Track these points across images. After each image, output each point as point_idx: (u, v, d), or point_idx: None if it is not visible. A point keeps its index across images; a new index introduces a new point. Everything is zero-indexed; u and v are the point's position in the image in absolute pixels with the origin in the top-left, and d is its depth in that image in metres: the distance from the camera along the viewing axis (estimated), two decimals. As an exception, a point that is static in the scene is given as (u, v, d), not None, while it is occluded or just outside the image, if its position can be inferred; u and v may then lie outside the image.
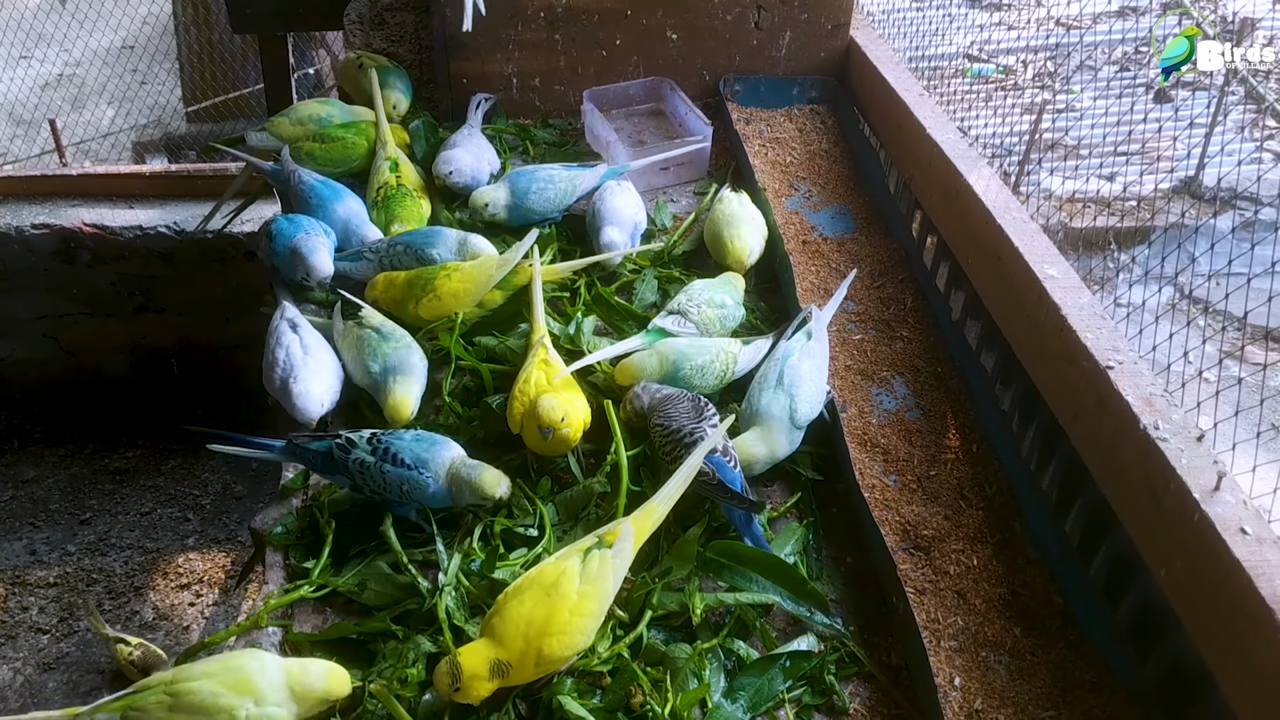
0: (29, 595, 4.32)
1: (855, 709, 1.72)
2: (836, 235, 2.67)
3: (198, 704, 1.56)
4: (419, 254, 2.40)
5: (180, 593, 4.35)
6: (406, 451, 1.88)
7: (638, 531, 1.73)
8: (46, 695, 3.98)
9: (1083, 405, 1.84)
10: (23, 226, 4.61)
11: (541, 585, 1.64)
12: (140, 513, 4.68)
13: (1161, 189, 6.43)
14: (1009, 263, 2.09)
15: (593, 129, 2.92)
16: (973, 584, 1.90)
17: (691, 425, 1.93)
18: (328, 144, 2.73)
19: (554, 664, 1.65)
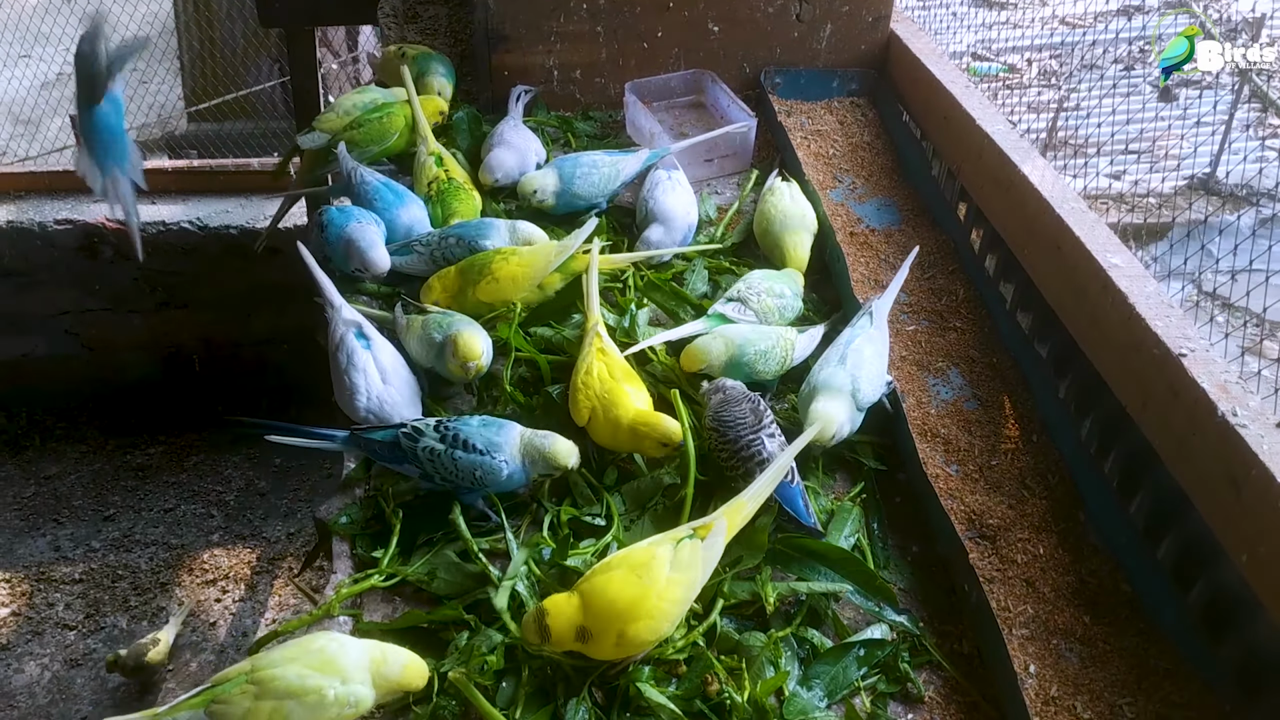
0: (54, 591, 4.32)
1: (930, 697, 1.72)
2: (883, 227, 2.67)
3: (284, 688, 1.56)
4: (471, 245, 2.39)
5: (206, 589, 4.35)
6: (476, 437, 1.87)
7: (729, 526, 1.72)
8: (75, 691, 3.98)
9: (1153, 393, 1.84)
10: (45, 222, 4.61)
11: (631, 566, 1.64)
12: (164, 509, 4.68)
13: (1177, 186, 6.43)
14: (1070, 252, 2.09)
15: (635, 121, 2.92)
16: (1040, 572, 1.90)
17: (750, 436, 1.92)
18: (363, 128, 2.73)
19: (635, 648, 1.65)
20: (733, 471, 1.92)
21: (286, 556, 4.46)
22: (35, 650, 4.09)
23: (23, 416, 5.05)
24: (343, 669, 1.59)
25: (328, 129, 2.80)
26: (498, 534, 1.92)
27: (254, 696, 1.57)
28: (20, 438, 4.98)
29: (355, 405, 2.11)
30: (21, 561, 4.42)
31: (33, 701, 3.94)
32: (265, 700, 1.56)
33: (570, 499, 2.00)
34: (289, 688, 1.56)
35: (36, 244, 4.61)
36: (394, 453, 1.94)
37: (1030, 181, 2.28)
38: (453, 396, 2.27)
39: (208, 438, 5.02)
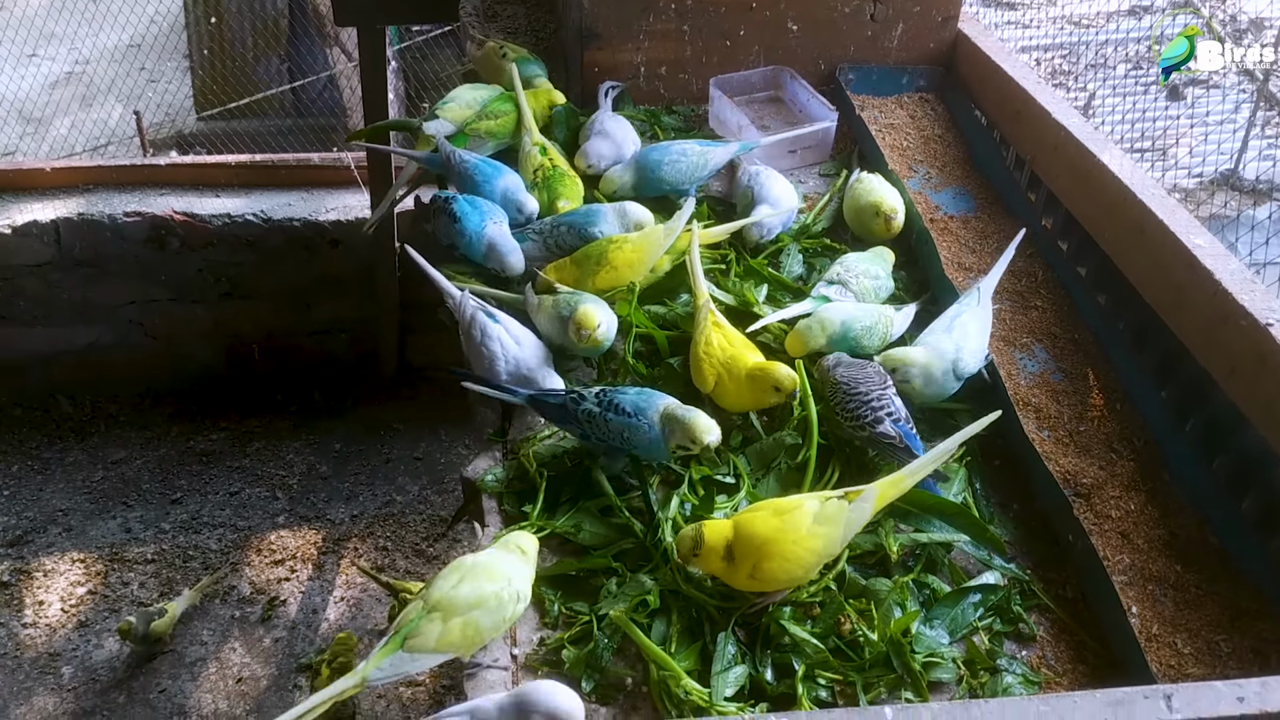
0: (129, 571, 4.46)
1: (1042, 636, 1.89)
2: (960, 214, 2.84)
3: (465, 603, 1.72)
4: (582, 232, 2.55)
5: (275, 568, 4.50)
6: (628, 401, 2.03)
7: (881, 496, 1.86)
8: (154, 665, 4.13)
9: (1240, 362, 2.01)
10: (115, 215, 4.76)
11: (776, 509, 1.81)
12: (229, 492, 4.83)
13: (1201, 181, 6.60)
14: (1153, 234, 2.26)
15: (719, 114, 3.08)
16: (1133, 525, 2.07)
17: (879, 391, 2.09)
18: (502, 119, 2.90)
19: (767, 583, 1.81)
20: (858, 421, 2.06)
21: (351, 538, 4.61)
22: (112, 626, 4.23)
23: (88, 404, 5.19)
24: (503, 573, 1.77)
25: (453, 118, 2.96)
26: (634, 493, 2.09)
27: (441, 620, 1.73)
28: (86, 424, 5.13)
29: (496, 370, 2.28)
30: (94, 543, 4.57)
31: (113, 676, 4.09)
32: (453, 619, 1.72)
33: (697, 462, 2.16)
34: (469, 601, 1.73)
35: (106, 235, 4.75)
36: (561, 414, 2.11)
37: (1110, 169, 2.45)
38: (576, 369, 2.43)
39: (268, 424, 5.17)
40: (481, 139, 2.90)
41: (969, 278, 2.63)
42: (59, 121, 7.64)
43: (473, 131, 2.90)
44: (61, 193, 4.85)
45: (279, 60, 7.69)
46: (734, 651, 1.81)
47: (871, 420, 2.07)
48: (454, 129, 2.93)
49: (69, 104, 7.78)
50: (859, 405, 2.08)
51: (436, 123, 2.99)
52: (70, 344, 5.05)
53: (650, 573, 1.94)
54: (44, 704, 4.01)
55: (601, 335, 2.27)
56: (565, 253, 2.57)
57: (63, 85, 8.26)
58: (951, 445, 1.94)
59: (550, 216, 2.66)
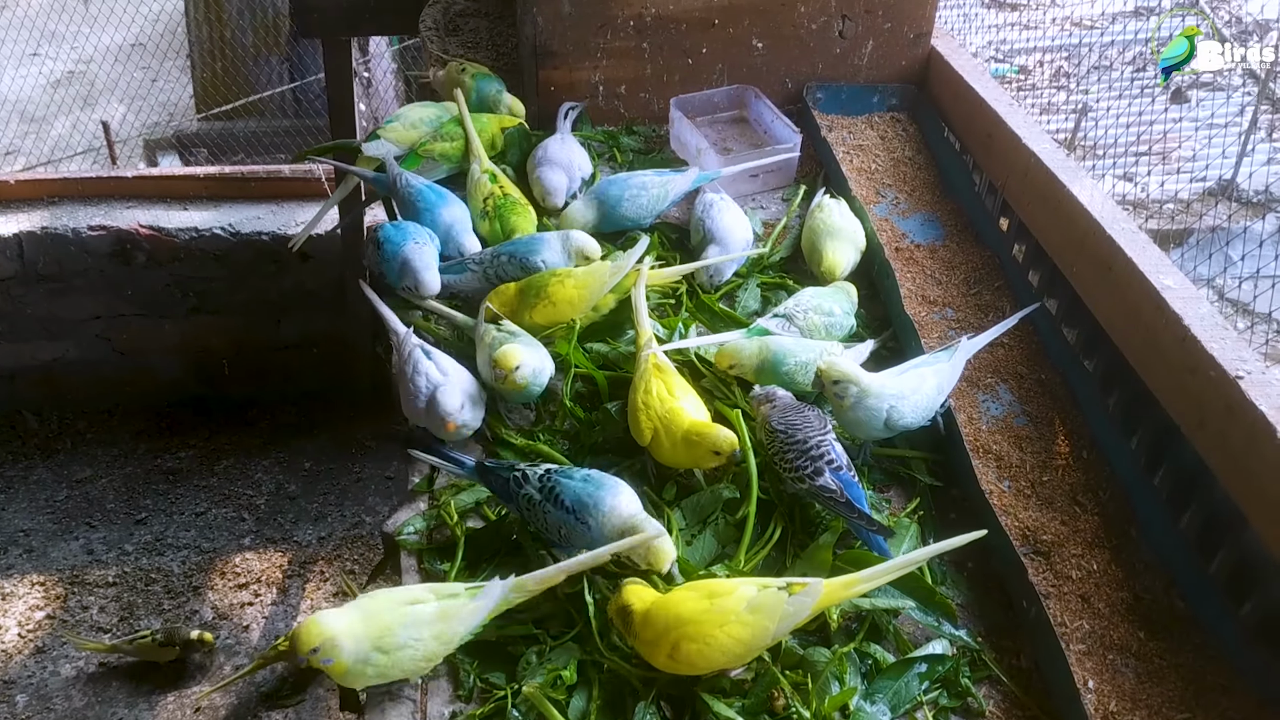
0: (89, 595, 4.36)
1: (991, 711, 1.76)
2: (928, 242, 2.70)
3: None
4: (523, 262, 2.43)
5: (239, 592, 4.39)
6: (570, 493, 1.86)
7: (827, 595, 1.71)
8: (110, 694, 4.03)
9: (1208, 414, 1.87)
10: (79, 228, 4.65)
11: (706, 591, 1.68)
12: (195, 513, 4.72)
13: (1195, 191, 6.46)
14: (1122, 273, 2.13)
15: (680, 136, 2.95)
16: (1095, 588, 1.93)
17: (818, 437, 1.96)
18: (458, 141, 2.77)
19: (686, 666, 1.68)
20: (798, 473, 1.93)
21: (318, 560, 4.50)
22: (71, 653, 4.13)
23: (54, 420, 5.10)
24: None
25: (395, 139, 2.84)
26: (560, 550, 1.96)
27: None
28: (52, 440, 5.02)
29: (414, 407, 2.16)
30: (55, 565, 4.47)
31: (69, 704, 3.98)
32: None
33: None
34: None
35: (70, 249, 4.65)
36: (505, 492, 1.96)
37: (1079, 201, 2.31)
38: (513, 410, 2.30)
39: (238, 441, 5.06)
40: (435, 162, 2.78)
41: (933, 312, 2.50)
42: (60, 121, 7.55)
43: (425, 153, 2.78)
44: (26, 205, 4.75)
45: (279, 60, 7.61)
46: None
47: (811, 472, 1.94)
48: (397, 151, 2.81)
49: (70, 104, 7.70)
50: (797, 455, 1.95)
51: (377, 143, 2.87)
52: (35, 359, 4.95)
53: (575, 639, 1.82)
54: (-4, 734, 3.90)
55: (522, 378, 2.11)
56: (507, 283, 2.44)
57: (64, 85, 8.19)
58: (919, 557, 1.80)
59: (492, 247, 2.53)
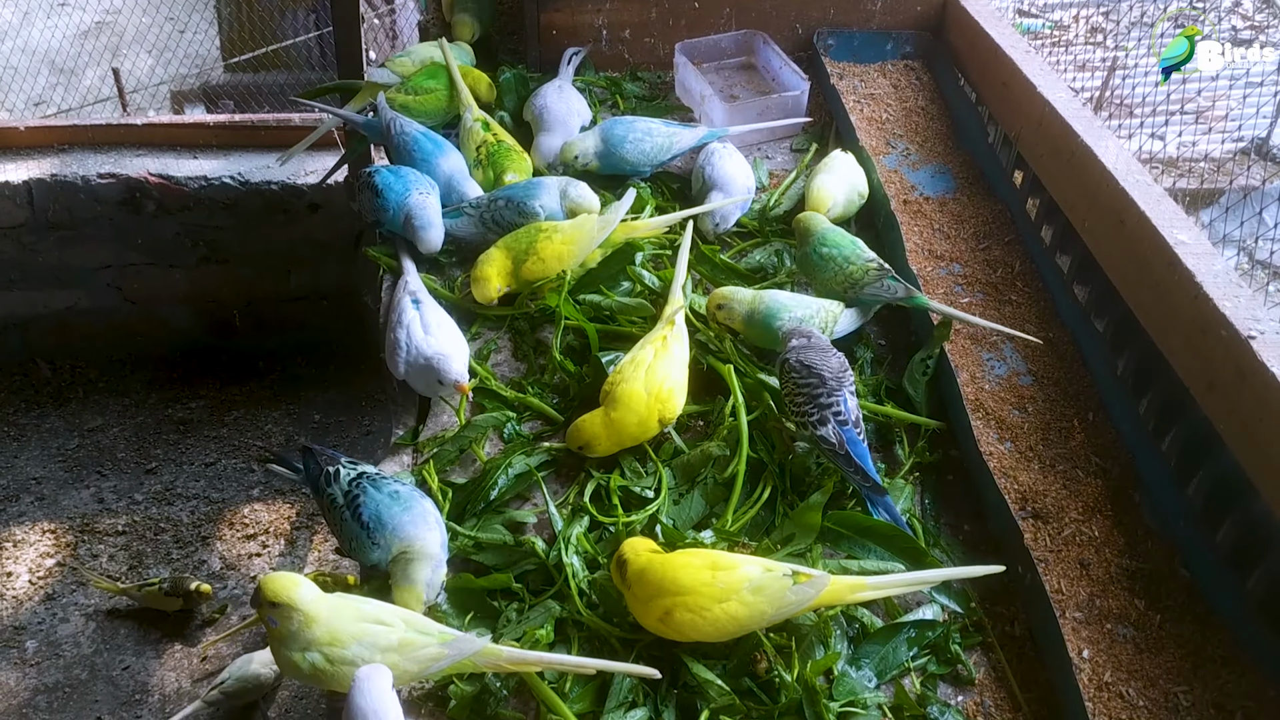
0: (99, 543, 4.36)
1: (981, 679, 1.70)
2: (937, 195, 2.62)
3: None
4: (520, 206, 2.36)
5: (246, 543, 4.38)
6: (369, 508, 1.78)
7: (831, 592, 1.65)
8: (119, 642, 4.03)
9: (1219, 376, 1.79)
10: (89, 176, 4.61)
11: (709, 562, 1.64)
12: (205, 463, 4.71)
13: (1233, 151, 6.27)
14: (1134, 227, 2.04)
15: (685, 83, 2.87)
16: (1094, 554, 1.87)
17: (834, 384, 1.90)
18: (421, 96, 2.70)
19: (675, 632, 1.64)
20: (803, 418, 1.89)
21: (326, 512, 4.49)
22: (80, 601, 4.14)
23: (66, 369, 5.09)
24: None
25: (400, 71, 2.77)
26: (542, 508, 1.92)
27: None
28: (64, 390, 5.02)
29: (395, 361, 2.10)
30: (66, 513, 4.47)
31: (78, 651, 4.00)
32: None
33: (620, 470, 1.98)
34: None
35: (80, 198, 4.61)
36: (315, 484, 1.89)
37: (1093, 151, 2.22)
38: (500, 363, 2.25)
39: (248, 392, 5.03)
40: (395, 113, 2.70)
41: (939, 267, 2.42)
42: (89, 72, 7.51)
43: (390, 101, 2.70)
44: (35, 153, 4.70)
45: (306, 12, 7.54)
46: (631, 690, 1.64)
47: (817, 420, 1.88)
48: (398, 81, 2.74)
49: (99, 54, 7.64)
50: (806, 400, 1.90)
51: (383, 70, 2.80)
52: (47, 307, 4.93)
53: (554, 596, 1.77)
54: (6, 678, 3.93)
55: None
56: (503, 229, 2.37)
57: (93, 35, 8.13)
58: (931, 578, 1.73)
59: (489, 192, 2.46)
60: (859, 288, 2.17)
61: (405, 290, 2.21)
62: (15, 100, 6.82)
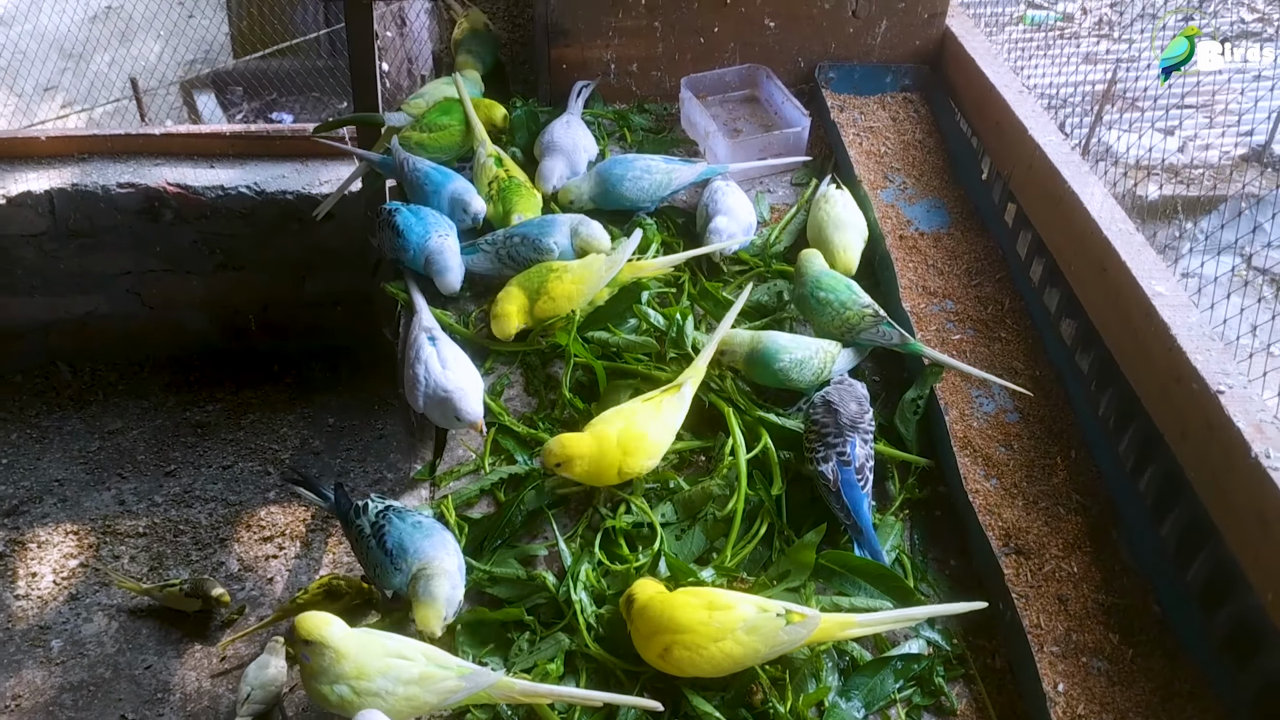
0: (120, 544, 4.50)
1: (963, 710, 1.82)
2: (932, 230, 2.72)
3: None
4: (536, 244, 2.47)
5: (263, 545, 4.51)
6: (393, 536, 1.92)
7: (822, 630, 1.76)
8: (140, 641, 4.17)
9: (1190, 426, 1.90)
10: (109, 186, 4.72)
11: (706, 601, 1.75)
12: (222, 466, 4.84)
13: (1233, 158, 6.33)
14: (1115, 276, 2.14)
15: (690, 116, 2.97)
16: (1073, 589, 1.98)
17: (848, 427, 2.03)
18: (435, 133, 2.80)
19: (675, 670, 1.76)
20: (810, 452, 2.04)
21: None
22: (103, 601, 4.27)
23: (87, 372, 5.22)
24: None
25: (414, 112, 2.89)
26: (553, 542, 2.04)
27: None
28: (85, 392, 5.15)
29: (415, 395, 2.22)
30: (88, 514, 4.61)
31: (101, 650, 4.13)
32: None
33: (625, 506, 2.10)
34: None
35: (100, 206, 4.72)
36: (346, 517, 2.04)
37: (1079, 198, 2.32)
38: (512, 398, 2.36)
39: (264, 395, 5.16)
40: (411, 150, 2.81)
41: (932, 304, 2.53)
42: (98, 57, 7.58)
43: (404, 141, 2.81)
44: (57, 162, 4.82)
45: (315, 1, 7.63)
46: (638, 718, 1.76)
47: (821, 457, 2.02)
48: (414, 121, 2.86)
49: (108, 40, 7.71)
50: (817, 437, 2.04)
51: (400, 114, 2.91)
52: (69, 312, 5.06)
53: (564, 629, 1.89)
54: (33, 677, 4.06)
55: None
56: (519, 265, 2.49)
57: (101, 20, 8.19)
58: (920, 614, 1.85)
59: (504, 229, 2.57)
60: (855, 332, 2.28)
61: (420, 327, 2.33)
62: (25, 85, 6.91)
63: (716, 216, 2.54)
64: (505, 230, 2.56)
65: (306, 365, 5.28)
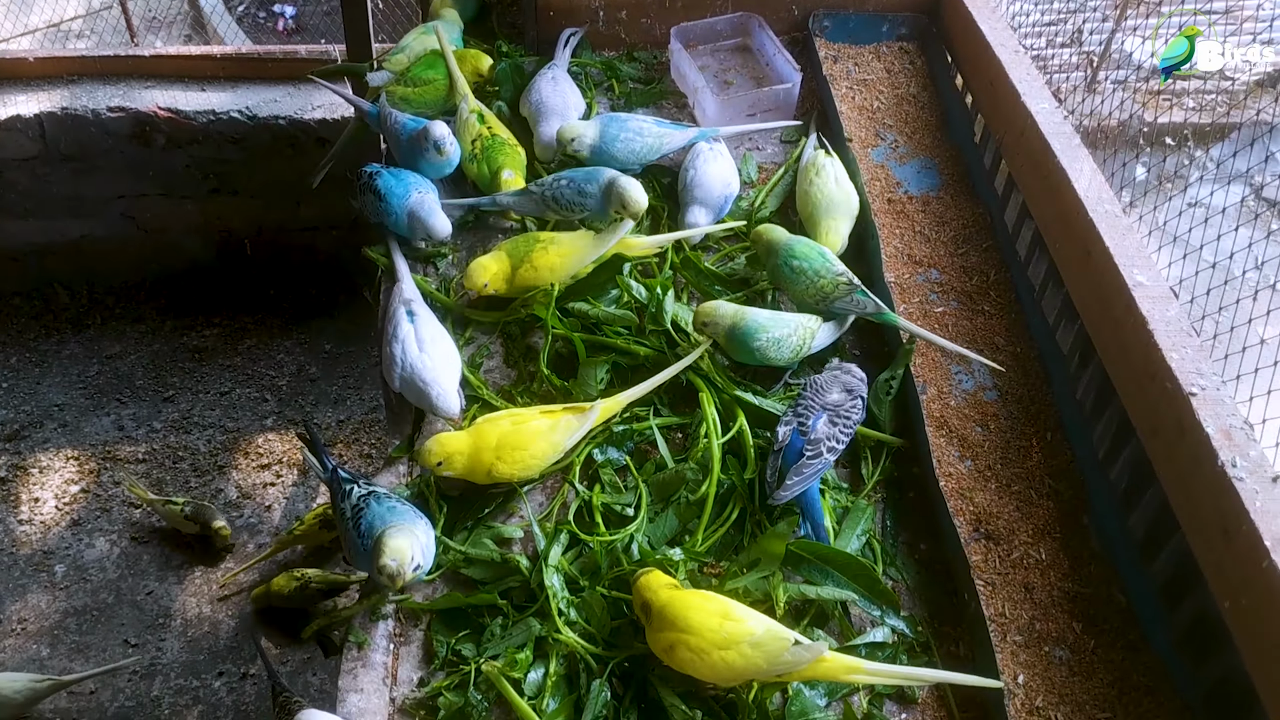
0: (120, 470, 4.56)
1: (924, 699, 1.86)
2: (921, 192, 2.68)
3: None
4: (581, 188, 2.45)
5: (261, 473, 4.57)
6: (366, 519, 1.93)
7: (826, 666, 1.75)
8: (142, 567, 4.26)
9: (1162, 425, 1.90)
10: (99, 109, 4.66)
11: (724, 612, 1.77)
12: (220, 392, 4.88)
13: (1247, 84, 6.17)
14: (1098, 261, 2.12)
15: (679, 68, 2.90)
16: (1039, 577, 2.00)
17: (816, 404, 2.07)
18: (420, 88, 2.75)
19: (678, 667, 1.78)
20: (782, 420, 2.09)
21: (337, 443, 4.66)
22: (104, 526, 4.36)
23: (84, 295, 5.23)
24: None
25: (395, 68, 2.84)
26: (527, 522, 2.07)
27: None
28: (83, 316, 5.17)
29: (391, 374, 2.22)
30: (88, 440, 4.67)
31: (104, 575, 4.23)
32: None
33: (600, 485, 2.12)
34: None
35: (91, 131, 4.67)
36: (333, 494, 2.07)
37: (1068, 175, 2.27)
38: (492, 370, 2.37)
39: (260, 320, 5.17)
40: (396, 105, 2.76)
41: (917, 273, 2.51)
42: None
43: (389, 96, 2.76)
44: (46, 84, 4.75)
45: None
46: (605, 706, 1.81)
47: (785, 420, 2.08)
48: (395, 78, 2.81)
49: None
50: (790, 407, 2.10)
51: (380, 74, 2.86)
52: (63, 235, 5.04)
53: (536, 614, 1.93)
54: (37, 601, 4.17)
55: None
56: (561, 208, 2.49)
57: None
58: (924, 676, 1.82)
59: (553, 175, 2.54)
60: (829, 301, 2.27)
61: (400, 299, 2.32)
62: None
63: (691, 208, 2.51)
64: (554, 175, 2.53)
65: (302, 289, 5.28)
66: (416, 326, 2.25)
